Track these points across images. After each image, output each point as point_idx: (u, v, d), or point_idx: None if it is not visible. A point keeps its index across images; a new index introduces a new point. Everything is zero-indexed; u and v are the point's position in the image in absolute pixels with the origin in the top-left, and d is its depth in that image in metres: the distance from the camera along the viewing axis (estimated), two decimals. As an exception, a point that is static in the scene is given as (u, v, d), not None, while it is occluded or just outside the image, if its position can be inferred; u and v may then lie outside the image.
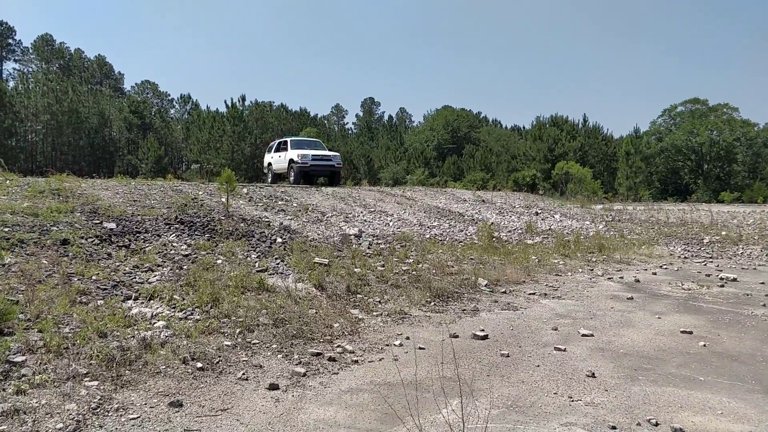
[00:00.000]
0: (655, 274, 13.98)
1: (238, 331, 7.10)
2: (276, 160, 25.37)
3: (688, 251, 18.29)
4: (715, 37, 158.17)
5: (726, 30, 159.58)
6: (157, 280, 8.41)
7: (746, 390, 6.03)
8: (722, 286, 12.41)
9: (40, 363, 5.43)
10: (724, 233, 21.65)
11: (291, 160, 23.39)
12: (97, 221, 10.29)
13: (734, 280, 13.08)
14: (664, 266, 15.27)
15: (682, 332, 8.33)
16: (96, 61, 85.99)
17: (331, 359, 6.64)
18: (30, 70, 77.94)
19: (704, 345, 7.71)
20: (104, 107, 61.46)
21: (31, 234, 8.89)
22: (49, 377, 5.21)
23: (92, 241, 9.33)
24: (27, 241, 8.58)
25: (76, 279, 7.71)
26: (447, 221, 18.52)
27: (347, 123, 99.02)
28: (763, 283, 12.80)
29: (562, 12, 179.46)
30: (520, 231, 19.02)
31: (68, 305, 6.79)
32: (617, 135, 63.41)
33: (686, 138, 57.07)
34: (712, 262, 16.42)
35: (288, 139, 25.59)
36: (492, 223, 19.27)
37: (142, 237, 10.22)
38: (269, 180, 26.11)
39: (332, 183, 24.06)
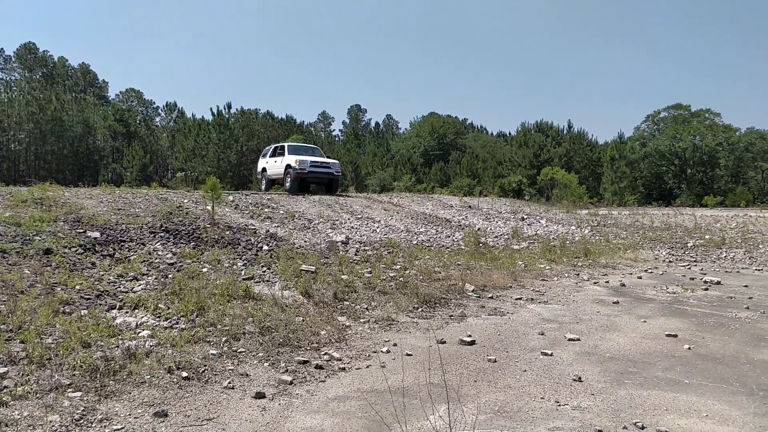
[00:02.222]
0: (640, 278, 14.10)
1: (224, 339, 7.04)
2: (271, 165, 24.39)
3: (673, 255, 18.46)
4: (697, 43, 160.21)
5: (708, 36, 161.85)
6: (142, 289, 8.33)
7: (731, 392, 6.09)
8: (706, 289, 12.54)
9: (23, 374, 5.35)
10: (707, 237, 21.88)
11: (288, 166, 22.39)
12: (81, 230, 10.19)
13: (718, 283, 13.22)
14: (649, 270, 15.40)
15: (668, 335, 8.41)
16: (80, 69, 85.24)
17: (318, 367, 6.61)
18: (13, 78, 77.07)
19: (689, 348, 7.77)
20: (88, 115, 60.88)
21: (13, 244, 8.78)
22: (31, 388, 5.14)
23: (76, 251, 9.23)
24: (9, 251, 8.47)
25: (59, 289, 7.62)
26: (434, 227, 18.55)
27: (334, 130, 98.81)
28: (746, 286, 12.95)
29: (547, 20, 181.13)
30: (506, 236, 19.09)
31: (51, 315, 6.70)
32: (602, 140, 63.87)
33: (669, 143, 57.69)
34: (696, 265, 16.58)
35: (285, 144, 24.54)
36: (478, 229, 19.34)
37: (126, 246, 10.13)
38: (263, 186, 25.27)
39: (329, 191, 23.26)
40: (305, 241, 13.36)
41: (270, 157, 24.96)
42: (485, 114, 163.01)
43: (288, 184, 22.19)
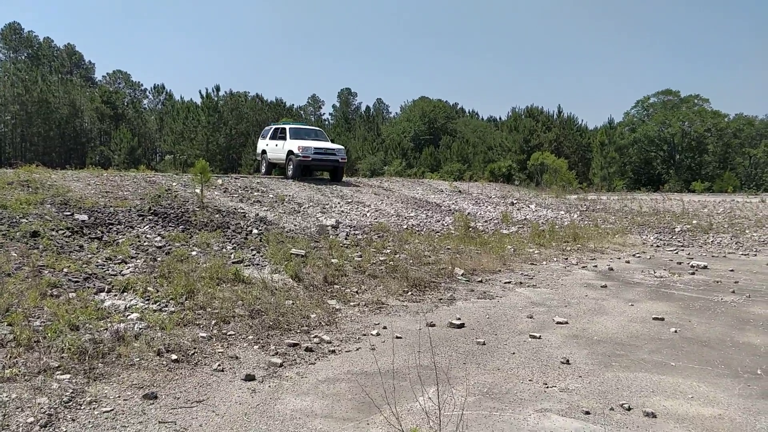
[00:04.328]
0: (628, 262, 14.20)
1: (213, 322, 7.04)
2: (272, 148, 22.51)
3: (661, 240, 18.61)
4: (687, 29, 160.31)
5: (697, 22, 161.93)
6: (131, 272, 8.29)
7: (716, 374, 6.17)
8: (693, 273, 12.66)
9: (10, 357, 5.32)
10: (695, 222, 22.06)
11: (290, 152, 20.70)
12: (68, 213, 10.09)
13: (705, 267, 13.35)
14: (637, 255, 15.52)
15: (654, 319, 8.49)
16: (65, 50, 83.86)
17: (308, 349, 6.63)
18: (-3, 59, 75.88)
19: (675, 331, 7.86)
20: (75, 97, 60.06)
21: (-1, 226, 8.69)
22: (19, 371, 5.11)
23: (63, 233, 9.15)
24: (-5, 234, 8.38)
25: (46, 272, 7.56)
26: (424, 212, 18.57)
27: (324, 114, 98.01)
28: (732, 270, 13.08)
29: (538, 5, 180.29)
30: (496, 221, 19.15)
31: (38, 298, 6.65)
32: (591, 126, 64.02)
33: (659, 129, 57.86)
34: (683, 250, 16.72)
35: (287, 127, 22.48)
36: (468, 214, 19.38)
37: (114, 229, 10.06)
38: (263, 170, 23.47)
39: (334, 179, 21.75)
40: (295, 225, 13.32)
41: (270, 139, 23.11)
42: (476, 98, 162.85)
43: (290, 171, 20.79)
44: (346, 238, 13.00)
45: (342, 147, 22.78)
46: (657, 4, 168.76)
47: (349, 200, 17.74)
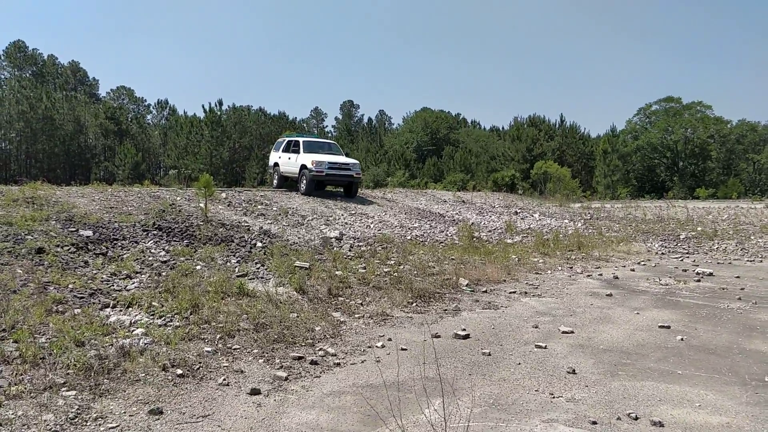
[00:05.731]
0: (633, 270, 14.16)
1: (218, 336, 7.04)
2: (285, 161, 21.86)
3: (665, 247, 18.55)
4: (688, 35, 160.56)
5: (699, 27, 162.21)
6: (136, 287, 8.31)
7: (723, 382, 6.13)
8: (699, 280, 12.61)
9: (16, 374, 5.34)
10: (699, 229, 21.99)
11: (303, 166, 20.07)
12: (73, 229, 10.14)
13: (710, 274, 13.30)
14: (642, 262, 15.47)
15: (660, 327, 8.46)
16: (70, 67, 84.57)
17: (313, 362, 6.62)
18: (2, 77, 76.48)
19: (682, 339, 7.82)
20: (79, 113, 60.44)
21: (4, 243, 8.73)
22: (25, 388, 5.12)
23: (68, 249, 9.19)
24: (1, 251, 8.42)
25: (51, 288, 7.59)
26: (428, 222, 18.57)
27: (327, 126, 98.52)
28: (738, 277, 13.03)
29: (539, 14, 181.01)
30: (500, 230, 19.14)
31: (44, 315, 6.68)
32: (594, 134, 63.98)
33: (661, 136, 57.86)
34: (688, 257, 16.67)
35: (300, 140, 21.76)
36: (472, 224, 19.36)
37: (119, 244, 10.10)
38: (275, 183, 22.71)
39: (348, 194, 21.01)
40: (299, 238, 13.35)
41: (283, 151, 22.40)
42: (478, 108, 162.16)
43: (303, 186, 20.05)
44: (350, 250, 13.01)
45: (357, 161, 22.25)
46: (659, 11, 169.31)
47: (353, 212, 17.76)
